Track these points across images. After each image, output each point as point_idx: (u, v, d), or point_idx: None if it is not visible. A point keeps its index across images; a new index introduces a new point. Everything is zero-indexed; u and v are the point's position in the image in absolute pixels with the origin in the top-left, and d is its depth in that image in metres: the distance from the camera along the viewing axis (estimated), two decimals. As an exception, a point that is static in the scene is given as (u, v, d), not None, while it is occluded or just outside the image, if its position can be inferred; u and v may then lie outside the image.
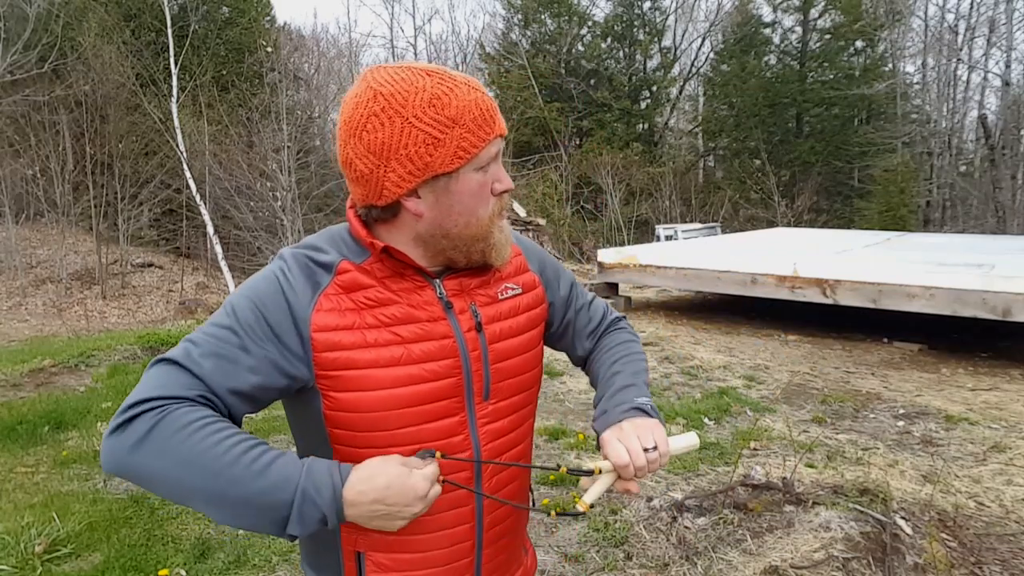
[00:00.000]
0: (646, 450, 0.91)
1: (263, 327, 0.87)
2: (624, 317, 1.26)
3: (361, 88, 0.89)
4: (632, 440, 0.92)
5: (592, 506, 0.92)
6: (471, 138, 0.87)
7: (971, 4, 18.58)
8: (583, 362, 1.23)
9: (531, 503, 1.16)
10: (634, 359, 1.14)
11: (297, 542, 0.97)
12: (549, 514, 1.03)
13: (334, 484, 0.81)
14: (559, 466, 0.97)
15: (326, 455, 0.93)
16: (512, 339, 1.02)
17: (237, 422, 0.88)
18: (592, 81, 24.34)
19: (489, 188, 0.93)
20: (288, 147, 17.62)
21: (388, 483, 0.82)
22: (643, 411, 0.99)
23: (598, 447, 1.00)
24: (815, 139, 21.89)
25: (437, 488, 0.87)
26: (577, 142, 24.16)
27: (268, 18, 24.65)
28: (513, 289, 1.04)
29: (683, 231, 15.03)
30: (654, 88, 25.36)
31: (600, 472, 0.93)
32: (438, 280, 0.96)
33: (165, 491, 0.81)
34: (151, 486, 0.81)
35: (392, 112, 0.85)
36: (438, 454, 0.92)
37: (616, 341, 1.19)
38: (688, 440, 1.00)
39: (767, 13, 23.80)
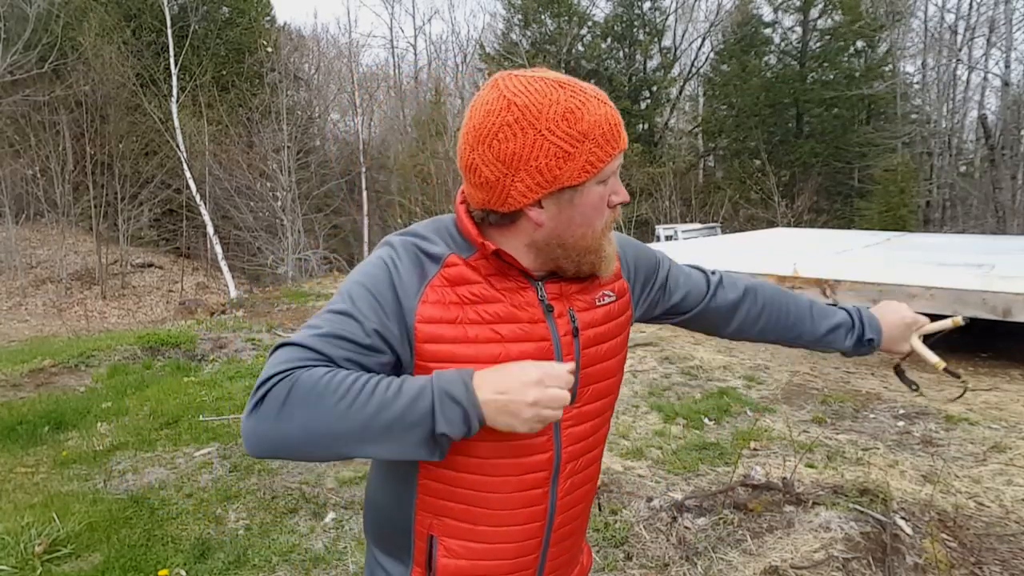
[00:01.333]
0: None
1: (377, 310, 0.89)
2: (720, 273, 1.29)
3: (493, 96, 0.89)
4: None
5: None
6: (599, 152, 0.88)
7: (971, 4, 18.60)
8: (730, 327, 1.25)
9: (597, 506, 1.18)
10: (789, 293, 1.28)
11: (362, 530, 0.98)
12: (917, 388, 1.33)
13: (464, 379, 0.84)
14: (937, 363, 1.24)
15: None
16: (603, 344, 1.04)
17: None
18: (592, 81, 24.19)
19: (607, 200, 0.94)
20: (288, 147, 17.64)
21: (507, 371, 0.85)
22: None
23: (869, 341, 1.25)
24: (815, 139, 21.90)
25: (554, 372, 0.85)
26: (577, 142, 24.15)
27: (268, 18, 24.67)
28: (609, 296, 1.06)
29: (683, 231, 15.04)
30: (654, 88, 25.37)
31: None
32: (540, 283, 0.98)
33: (317, 445, 0.83)
34: (302, 447, 0.83)
35: (526, 124, 0.86)
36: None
37: (760, 289, 1.26)
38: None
39: (767, 13, 23.83)
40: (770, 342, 1.28)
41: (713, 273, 1.26)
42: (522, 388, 0.83)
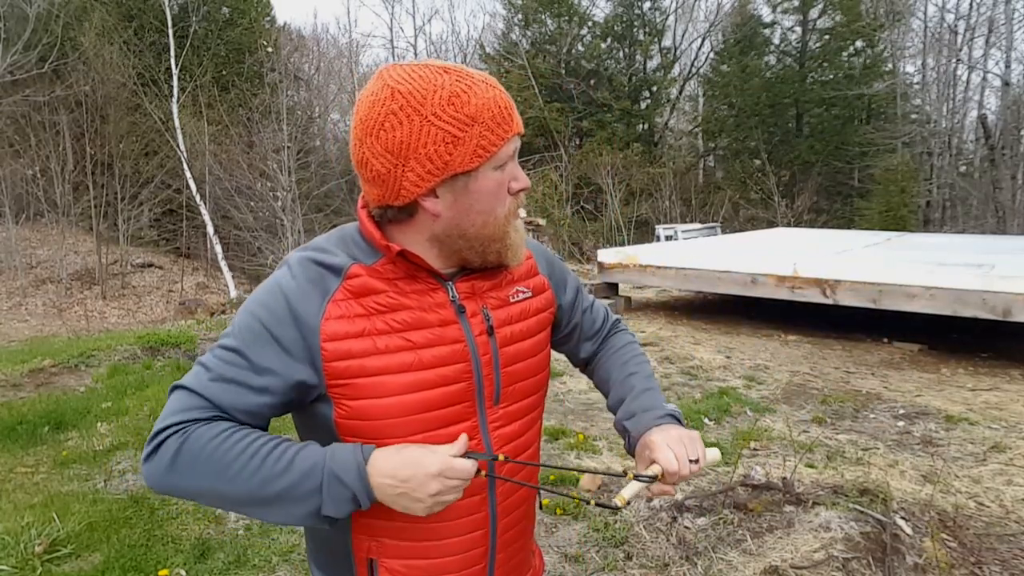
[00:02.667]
0: (691, 461, 0.95)
1: (271, 344, 0.87)
2: (620, 319, 1.28)
3: (378, 86, 0.87)
4: (680, 448, 0.95)
5: (628, 503, 0.94)
6: (490, 136, 0.86)
7: (971, 4, 18.59)
8: (584, 364, 1.24)
9: (539, 505, 1.17)
10: (642, 362, 1.17)
11: (305, 547, 0.98)
12: (589, 503, 1.04)
13: (357, 462, 0.83)
14: (625, 472, 0.98)
15: None
16: (522, 342, 1.02)
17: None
18: (592, 81, 24.32)
19: (506, 187, 0.92)
20: (288, 147, 17.62)
21: (404, 459, 0.84)
22: (677, 419, 1.03)
23: (628, 449, 1.03)
24: (815, 139, 21.89)
25: (456, 466, 0.85)
26: (577, 142, 24.17)
27: (268, 18, 24.65)
28: (524, 292, 1.04)
29: (683, 231, 15.03)
30: (654, 88, 25.36)
31: (653, 478, 0.96)
32: (451, 283, 0.95)
33: (207, 502, 0.87)
34: (194, 499, 0.87)
35: (411, 110, 0.84)
36: (501, 456, 0.93)
37: (621, 343, 1.21)
38: (714, 456, 1.04)
39: (767, 13, 23.81)
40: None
41: (609, 328, 1.24)
42: (424, 480, 0.83)
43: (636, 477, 0.94)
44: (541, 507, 1.18)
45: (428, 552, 0.97)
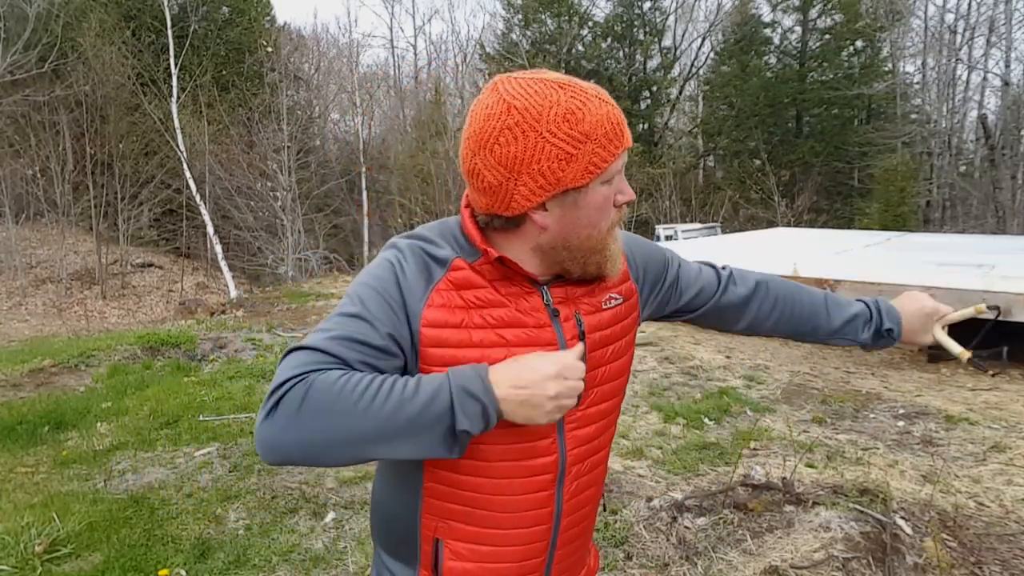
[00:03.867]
0: None
1: (388, 312, 0.89)
2: (727, 267, 1.27)
3: (492, 99, 0.88)
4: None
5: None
6: (602, 153, 0.87)
7: (970, 4, 18.60)
8: (741, 323, 1.24)
9: (602, 507, 1.18)
10: (796, 285, 1.26)
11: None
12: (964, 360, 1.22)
13: (481, 376, 0.85)
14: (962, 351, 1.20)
15: None
16: (608, 347, 1.03)
17: None
18: (592, 81, 24.21)
19: (612, 200, 0.93)
20: (288, 147, 17.63)
21: (522, 366, 0.86)
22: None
23: (889, 331, 1.21)
24: (815, 139, 21.91)
25: (571, 364, 0.87)
26: (577, 142, 24.16)
27: (268, 18, 24.67)
28: (616, 299, 1.05)
29: (683, 231, 15.03)
30: (654, 88, 25.37)
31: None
32: (545, 287, 0.97)
33: (334, 448, 0.83)
34: (319, 450, 0.82)
35: (526, 126, 0.85)
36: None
37: (768, 283, 1.24)
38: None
39: (767, 13, 23.85)
40: (784, 336, 1.27)
41: (723, 268, 1.25)
42: (542, 382, 0.85)
43: (974, 357, 1.12)
44: (604, 509, 1.20)
45: (493, 539, 0.99)
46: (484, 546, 1.00)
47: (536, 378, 0.85)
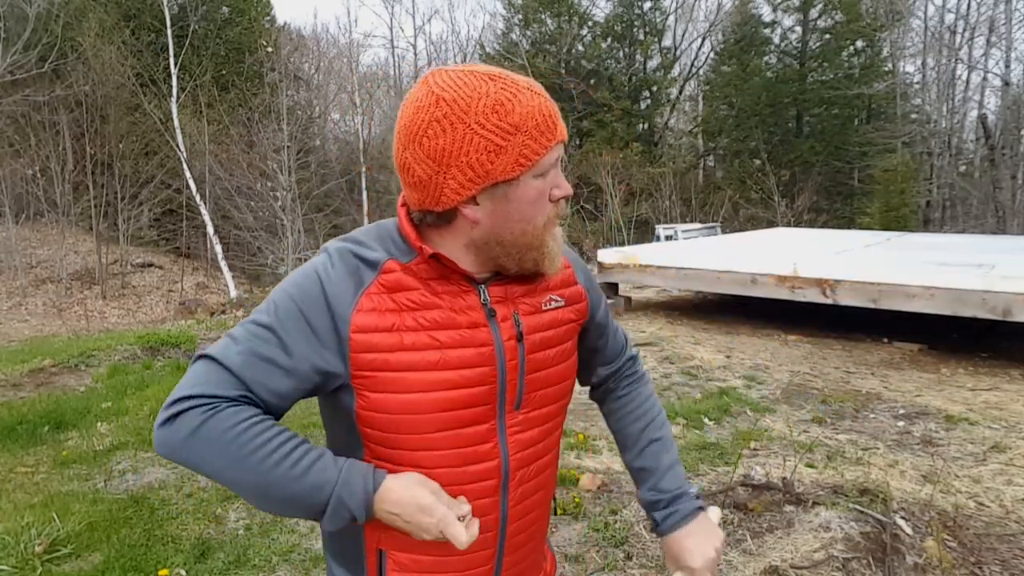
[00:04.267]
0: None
1: (303, 327, 0.88)
2: (637, 354, 1.27)
3: (422, 92, 0.87)
4: (714, 562, 1.05)
5: None
6: (533, 145, 0.86)
7: (970, 4, 18.60)
8: (594, 388, 1.25)
9: (553, 510, 1.17)
10: (664, 423, 1.21)
11: (320, 531, 0.99)
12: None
13: (367, 492, 0.87)
14: None
15: (357, 452, 0.95)
16: (549, 350, 1.01)
17: (277, 415, 0.92)
18: (592, 81, 24.33)
19: (547, 195, 0.91)
20: (288, 147, 17.62)
21: (412, 503, 0.87)
22: (702, 508, 1.11)
23: (655, 532, 1.13)
24: (815, 139, 21.90)
25: (455, 532, 0.88)
26: (577, 142, 24.16)
27: (268, 18, 24.67)
28: (557, 301, 1.03)
29: (683, 231, 15.03)
30: (654, 88, 25.37)
31: None
32: (483, 286, 0.95)
33: (213, 479, 0.87)
34: (200, 472, 0.87)
35: (454, 118, 0.84)
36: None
37: (644, 395, 1.22)
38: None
39: (767, 13, 23.83)
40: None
41: (628, 357, 1.24)
42: (424, 528, 0.87)
43: None
44: (555, 512, 1.19)
45: (436, 549, 0.97)
46: (427, 556, 0.98)
47: (423, 523, 0.87)
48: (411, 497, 0.87)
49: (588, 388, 1.26)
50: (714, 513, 1.13)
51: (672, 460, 1.14)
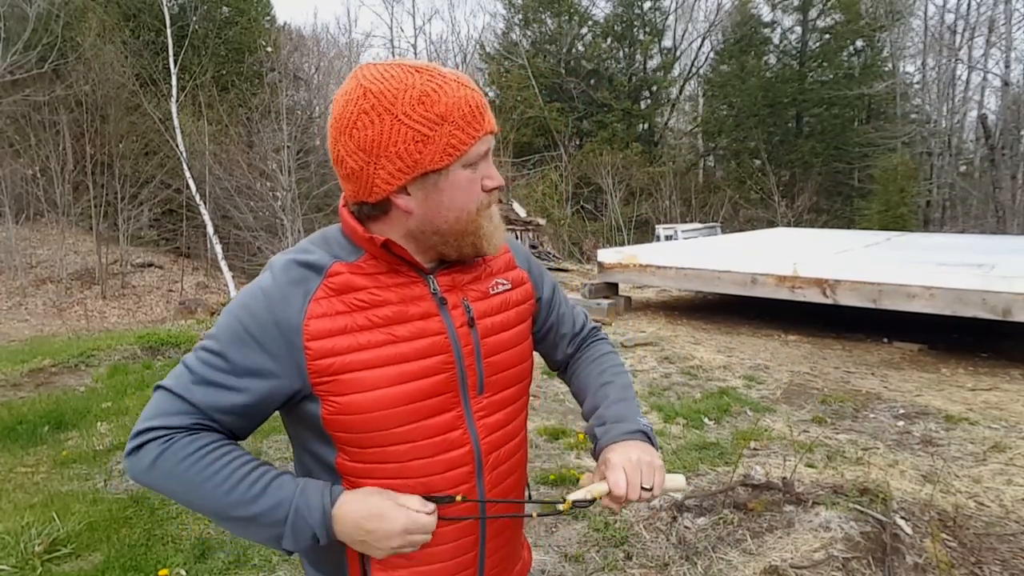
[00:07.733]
0: (644, 488, 0.96)
1: (252, 346, 0.89)
2: (598, 327, 1.28)
3: (351, 85, 0.89)
4: (636, 474, 0.95)
5: (574, 504, 0.96)
6: (460, 135, 0.88)
7: (970, 4, 18.60)
8: (561, 367, 1.26)
9: (527, 497, 1.17)
10: (620, 372, 1.18)
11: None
12: (532, 516, 1.07)
13: (324, 506, 0.89)
14: (564, 499, 0.98)
15: (330, 456, 0.96)
16: (503, 333, 1.04)
17: (242, 436, 0.95)
18: (592, 81, 24.34)
19: (479, 185, 0.93)
20: (288, 147, 17.61)
21: (371, 511, 0.89)
22: (646, 435, 1.03)
23: (595, 455, 1.04)
24: (815, 139, 21.90)
25: (420, 523, 0.90)
26: (577, 142, 24.18)
27: (268, 18, 24.66)
28: (503, 284, 1.06)
29: (683, 231, 15.03)
30: (654, 88, 25.38)
31: (597, 497, 0.97)
32: (432, 276, 0.97)
33: (180, 502, 0.92)
34: (168, 496, 0.93)
35: (381, 109, 0.86)
36: (459, 497, 0.94)
37: (600, 352, 1.22)
38: (677, 482, 1.03)
39: (766, 13, 23.84)
40: None
41: (590, 328, 1.25)
42: (387, 536, 0.88)
43: (575, 504, 0.96)
44: (530, 499, 1.19)
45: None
46: (409, 556, 0.98)
47: (382, 529, 0.88)
48: (369, 506, 0.89)
49: (560, 373, 1.28)
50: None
51: (620, 396, 1.10)
